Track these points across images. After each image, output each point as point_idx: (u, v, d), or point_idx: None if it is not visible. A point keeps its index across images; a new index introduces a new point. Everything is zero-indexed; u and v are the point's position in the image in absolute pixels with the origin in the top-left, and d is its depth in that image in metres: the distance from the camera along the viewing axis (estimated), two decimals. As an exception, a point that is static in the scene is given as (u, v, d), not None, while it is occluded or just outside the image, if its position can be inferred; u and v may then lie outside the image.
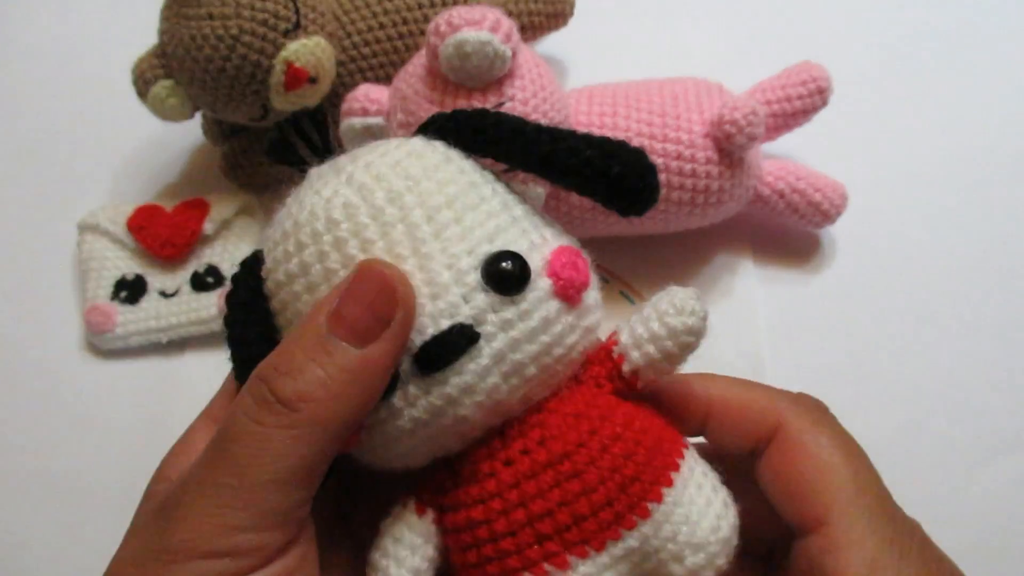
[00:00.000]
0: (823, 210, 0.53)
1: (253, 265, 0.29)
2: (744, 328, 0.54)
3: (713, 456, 0.29)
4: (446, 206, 0.26)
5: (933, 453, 0.51)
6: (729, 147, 0.49)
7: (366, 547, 0.29)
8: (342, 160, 0.28)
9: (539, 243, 0.27)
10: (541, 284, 0.26)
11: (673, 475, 0.27)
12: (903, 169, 0.60)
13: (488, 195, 0.28)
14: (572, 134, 0.28)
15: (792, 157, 0.57)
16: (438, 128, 0.29)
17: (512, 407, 0.27)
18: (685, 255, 0.56)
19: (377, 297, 0.25)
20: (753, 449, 0.29)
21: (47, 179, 0.64)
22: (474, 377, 0.26)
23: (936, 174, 0.60)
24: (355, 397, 0.25)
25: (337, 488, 0.32)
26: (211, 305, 0.56)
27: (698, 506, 0.27)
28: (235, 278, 0.29)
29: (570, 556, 0.26)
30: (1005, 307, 0.55)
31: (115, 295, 0.57)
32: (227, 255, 0.58)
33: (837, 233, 0.57)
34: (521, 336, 0.26)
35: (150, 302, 0.57)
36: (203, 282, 0.57)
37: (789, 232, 0.57)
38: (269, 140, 0.30)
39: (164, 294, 0.57)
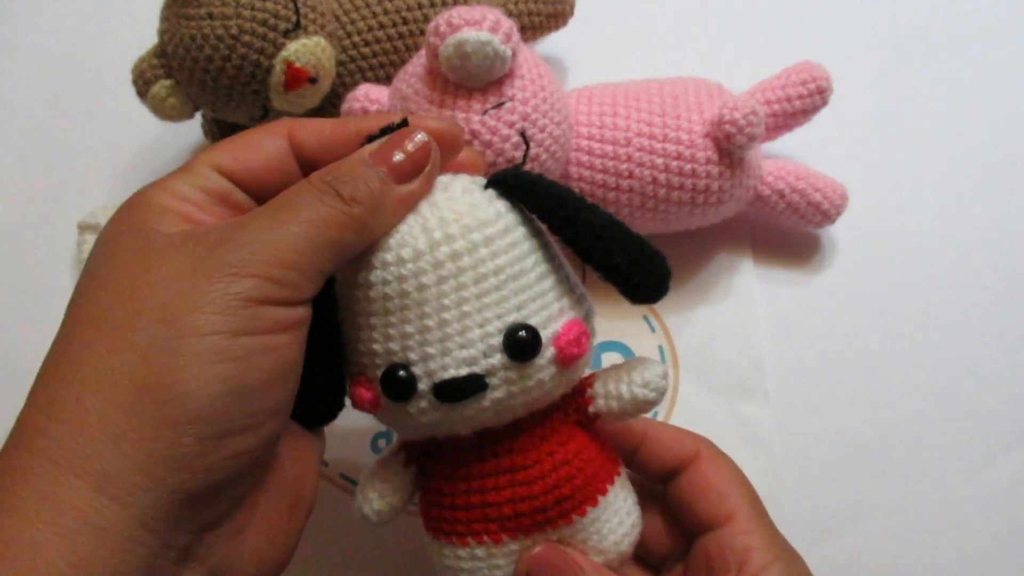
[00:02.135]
0: (823, 210, 0.53)
1: None
2: (744, 328, 0.54)
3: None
4: (493, 274, 0.32)
5: (933, 453, 0.51)
6: (729, 147, 0.49)
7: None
8: (422, 202, 0.33)
9: (556, 316, 0.33)
10: (547, 353, 0.32)
11: (600, 498, 0.35)
12: (903, 169, 0.60)
13: (528, 268, 0.33)
14: (613, 236, 0.33)
15: (792, 157, 0.57)
16: (508, 184, 0.34)
17: (496, 425, 0.34)
18: (685, 255, 0.56)
19: (419, 152, 0.32)
20: (673, 471, 0.38)
21: (47, 179, 0.64)
22: (473, 412, 0.33)
23: (936, 174, 0.60)
24: (383, 220, 0.32)
25: None
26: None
27: (611, 524, 0.35)
28: None
29: (504, 535, 0.34)
30: (1006, 306, 0.55)
31: (115, 295, 0.57)
32: (227, 255, 0.58)
33: (837, 233, 0.57)
34: (519, 391, 0.32)
35: (150, 302, 0.57)
36: (203, 282, 0.57)
37: (789, 232, 0.57)
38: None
39: (164, 294, 0.57)
